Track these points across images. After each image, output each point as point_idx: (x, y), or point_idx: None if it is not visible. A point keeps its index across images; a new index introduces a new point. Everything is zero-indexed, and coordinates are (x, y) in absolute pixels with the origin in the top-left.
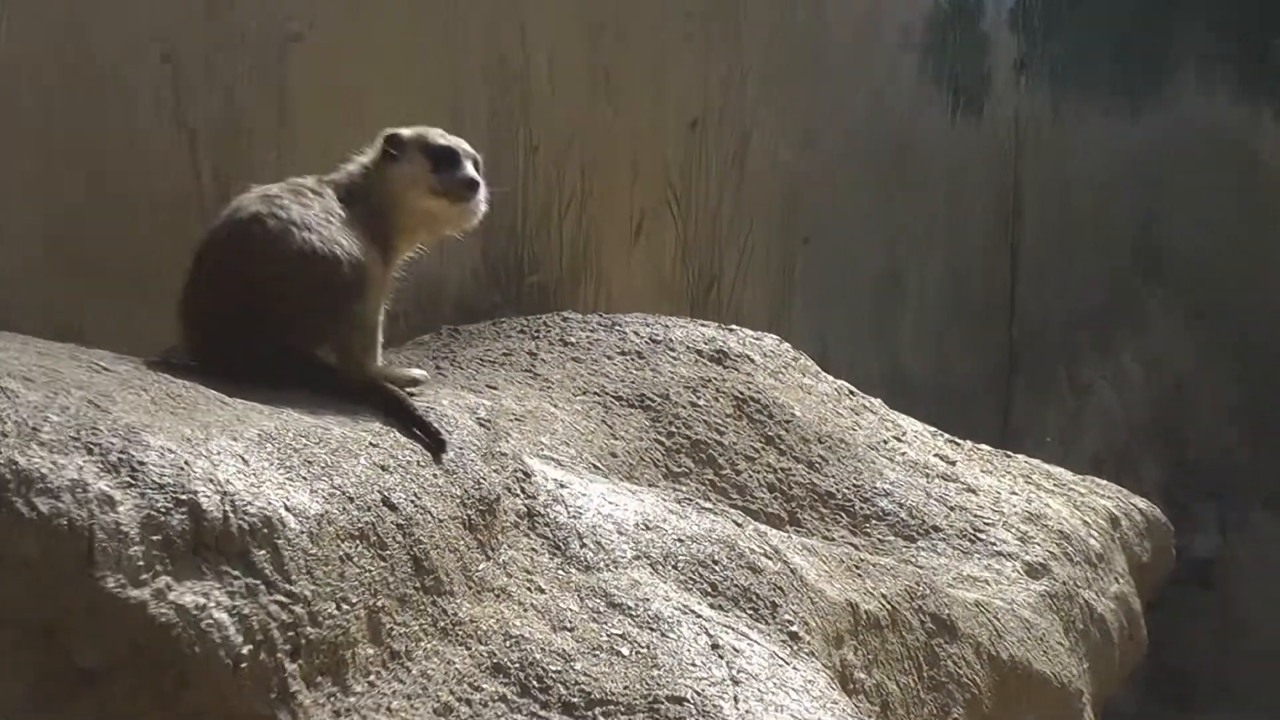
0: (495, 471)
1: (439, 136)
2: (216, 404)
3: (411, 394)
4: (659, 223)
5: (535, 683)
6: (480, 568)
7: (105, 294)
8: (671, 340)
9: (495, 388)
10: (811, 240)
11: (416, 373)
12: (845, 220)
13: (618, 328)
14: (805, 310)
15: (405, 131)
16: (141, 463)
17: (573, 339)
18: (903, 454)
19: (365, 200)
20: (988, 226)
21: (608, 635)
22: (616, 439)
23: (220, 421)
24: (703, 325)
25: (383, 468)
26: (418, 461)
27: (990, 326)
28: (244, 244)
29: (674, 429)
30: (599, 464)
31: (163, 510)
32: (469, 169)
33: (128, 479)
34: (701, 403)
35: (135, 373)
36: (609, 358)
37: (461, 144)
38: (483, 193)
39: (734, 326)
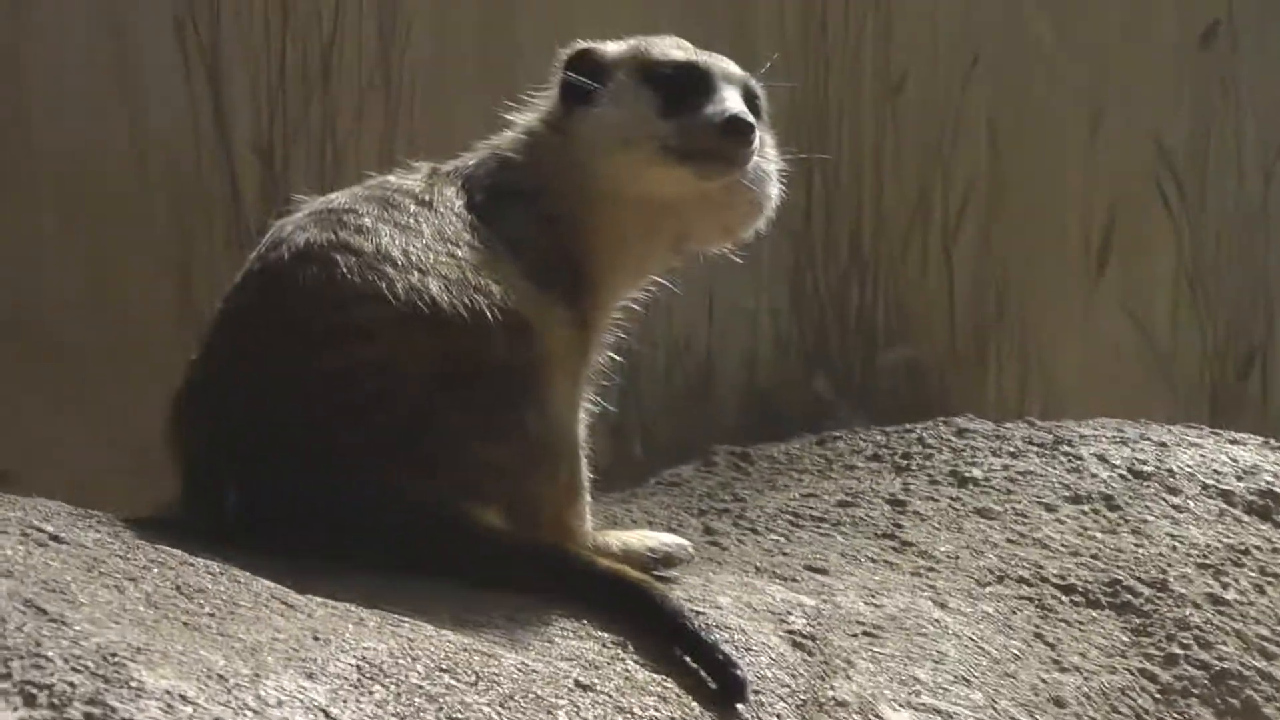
0: None
1: (672, 48)
2: (273, 606)
3: (661, 580)
4: (1144, 237)
5: None
6: None
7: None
8: (1172, 473)
9: (824, 571)
10: None
11: (669, 542)
12: None
13: (1065, 449)
14: None
15: (608, 47)
16: None
17: (975, 473)
18: None
19: (532, 198)
20: None
21: None
22: (1065, 671)
23: (281, 641)
24: (1234, 443)
25: None
26: None
27: None
28: (294, 304)
29: (1177, 649)
30: None
31: None
32: (731, 101)
33: None
34: (1231, 597)
35: (113, 545)
36: (1049, 510)
37: (714, 59)
38: (767, 151)
39: None
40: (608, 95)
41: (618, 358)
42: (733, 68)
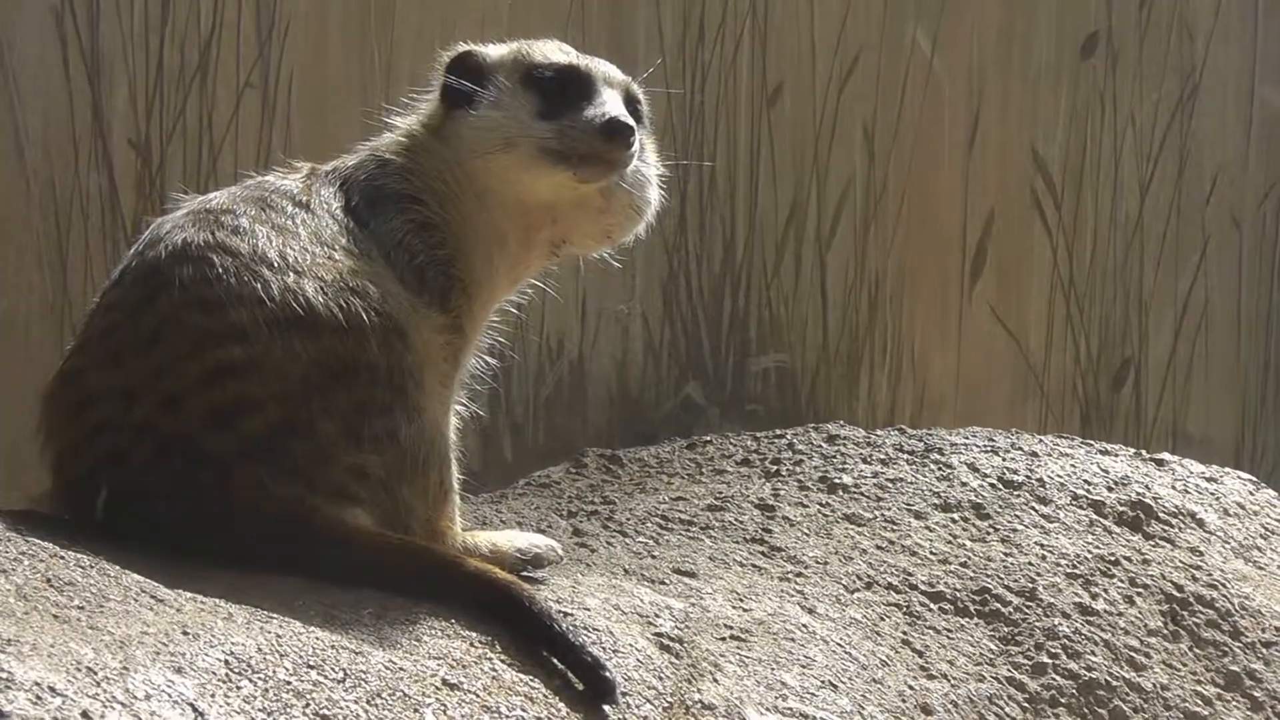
0: None
1: (554, 51)
2: (142, 600)
3: (529, 581)
4: (1019, 247)
5: None
6: None
7: None
8: (1043, 483)
9: (692, 574)
10: None
11: (538, 543)
12: None
13: (936, 457)
14: None
15: (489, 49)
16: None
17: (846, 479)
18: None
19: (408, 203)
20: None
21: None
22: (932, 678)
23: (151, 635)
24: (1105, 454)
25: None
26: None
27: None
28: (168, 304)
29: (1046, 659)
30: None
31: None
32: (611, 104)
33: None
34: (1101, 607)
35: None
36: (919, 517)
37: (595, 62)
38: (647, 156)
39: (1166, 456)
40: (488, 98)
41: (490, 360)
42: (614, 71)
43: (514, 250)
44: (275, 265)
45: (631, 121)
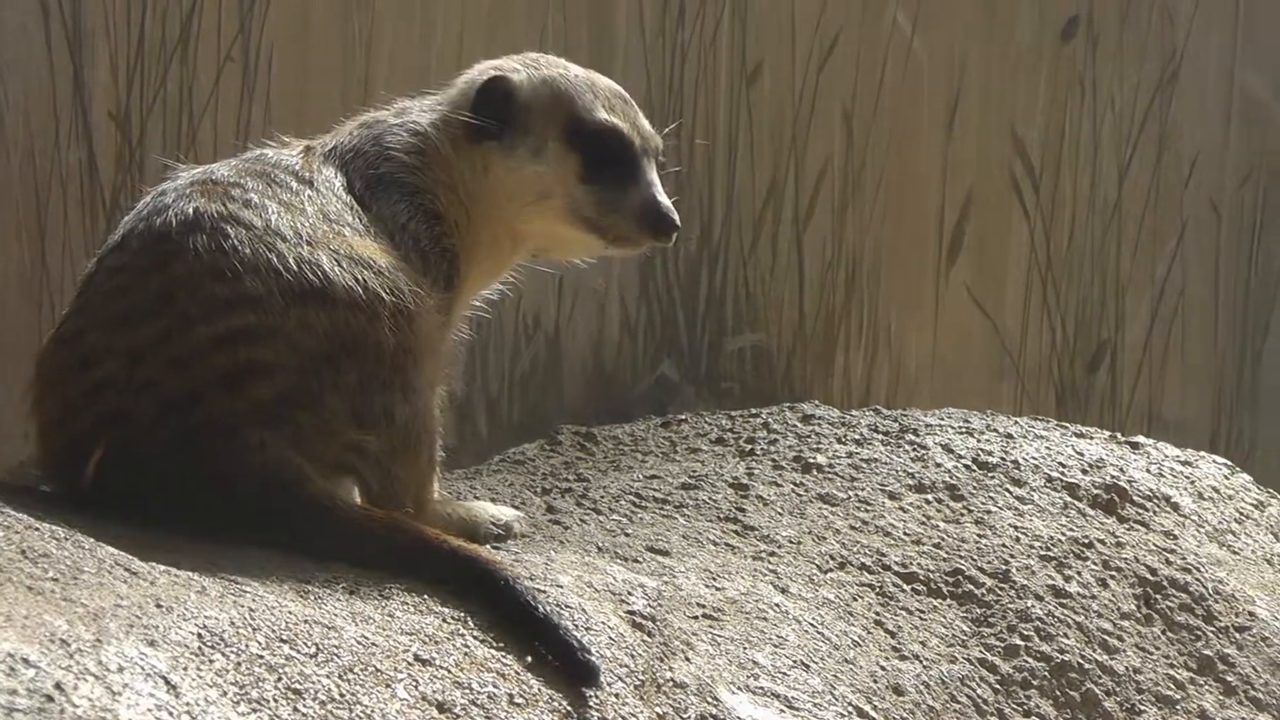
0: None
1: (591, 100)
2: (116, 573)
3: (498, 550)
4: (997, 228)
5: None
6: None
7: None
8: (1017, 465)
9: (666, 552)
10: None
11: (509, 514)
12: None
13: (910, 438)
14: None
15: (521, 77)
16: None
17: (820, 459)
18: None
19: (417, 193)
20: None
21: None
22: (905, 659)
23: (124, 607)
24: (1080, 437)
25: (441, 708)
26: (515, 697)
27: None
28: (181, 270)
29: (1018, 640)
30: (869, 709)
31: None
32: (656, 185)
33: None
34: (1074, 590)
35: None
36: (893, 498)
37: (638, 123)
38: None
39: (1141, 439)
40: (527, 145)
41: (468, 334)
42: (651, 133)
43: (509, 258)
44: (289, 238)
45: (675, 215)
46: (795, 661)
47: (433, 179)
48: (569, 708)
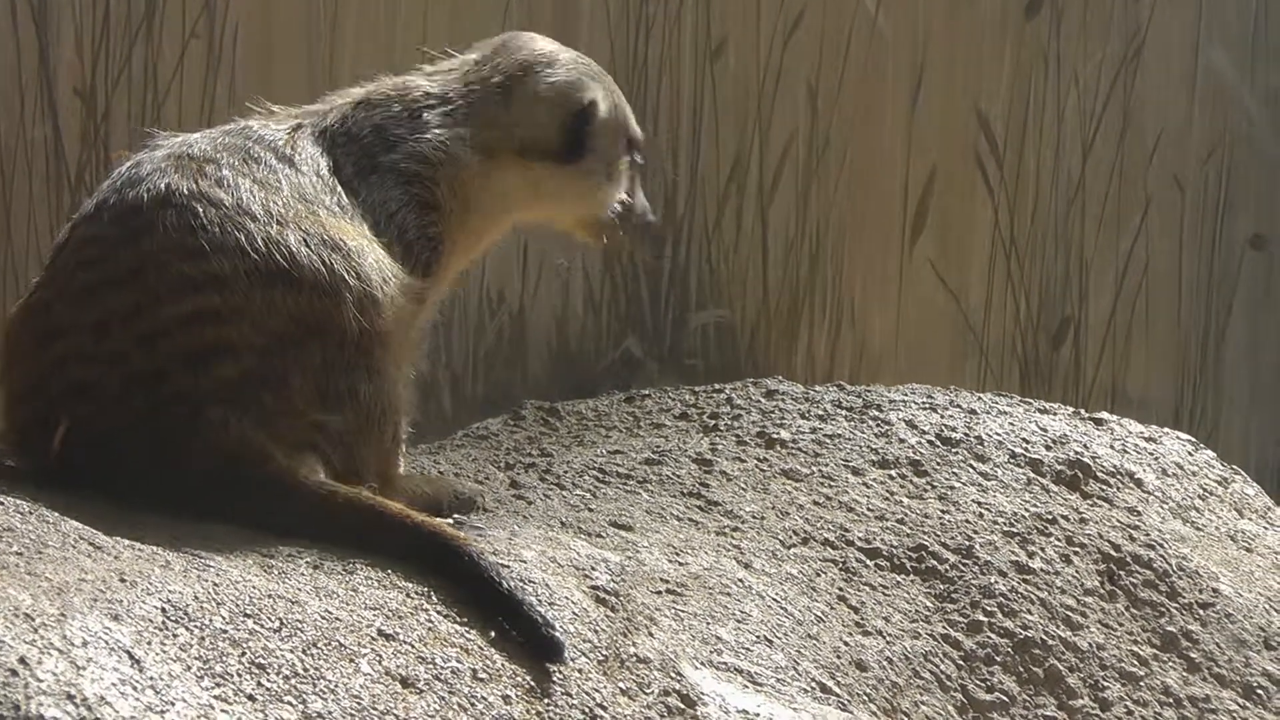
0: (625, 695)
1: (630, 112)
2: (80, 547)
3: (461, 525)
4: (961, 204)
5: None
6: None
7: None
8: (981, 441)
9: (629, 528)
10: (1271, 245)
11: (469, 489)
12: None
13: (874, 414)
14: (1248, 385)
15: (599, 101)
16: None
17: (784, 435)
18: None
19: (411, 181)
20: None
21: None
22: (868, 635)
23: (88, 582)
24: (1044, 413)
25: (405, 682)
26: (478, 672)
27: None
28: (150, 247)
29: (981, 616)
30: (832, 684)
31: None
32: (643, 196)
33: None
34: (1038, 566)
35: None
36: (856, 474)
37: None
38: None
39: (1105, 415)
40: (602, 170)
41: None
42: (636, 127)
43: (494, 237)
44: (258, 217)
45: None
46: (759, 637)
47: (439, 175)
48: (532, 683)
